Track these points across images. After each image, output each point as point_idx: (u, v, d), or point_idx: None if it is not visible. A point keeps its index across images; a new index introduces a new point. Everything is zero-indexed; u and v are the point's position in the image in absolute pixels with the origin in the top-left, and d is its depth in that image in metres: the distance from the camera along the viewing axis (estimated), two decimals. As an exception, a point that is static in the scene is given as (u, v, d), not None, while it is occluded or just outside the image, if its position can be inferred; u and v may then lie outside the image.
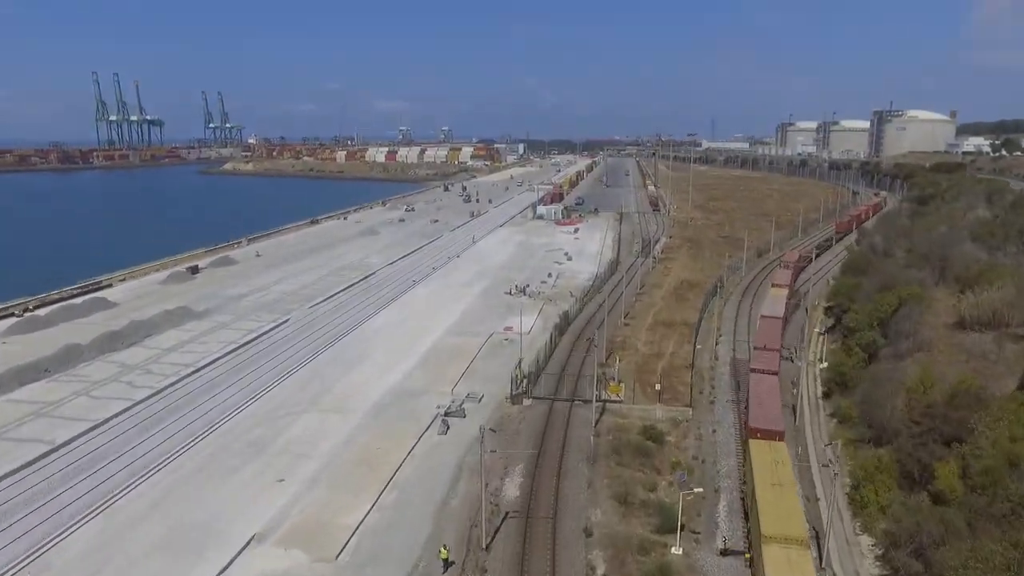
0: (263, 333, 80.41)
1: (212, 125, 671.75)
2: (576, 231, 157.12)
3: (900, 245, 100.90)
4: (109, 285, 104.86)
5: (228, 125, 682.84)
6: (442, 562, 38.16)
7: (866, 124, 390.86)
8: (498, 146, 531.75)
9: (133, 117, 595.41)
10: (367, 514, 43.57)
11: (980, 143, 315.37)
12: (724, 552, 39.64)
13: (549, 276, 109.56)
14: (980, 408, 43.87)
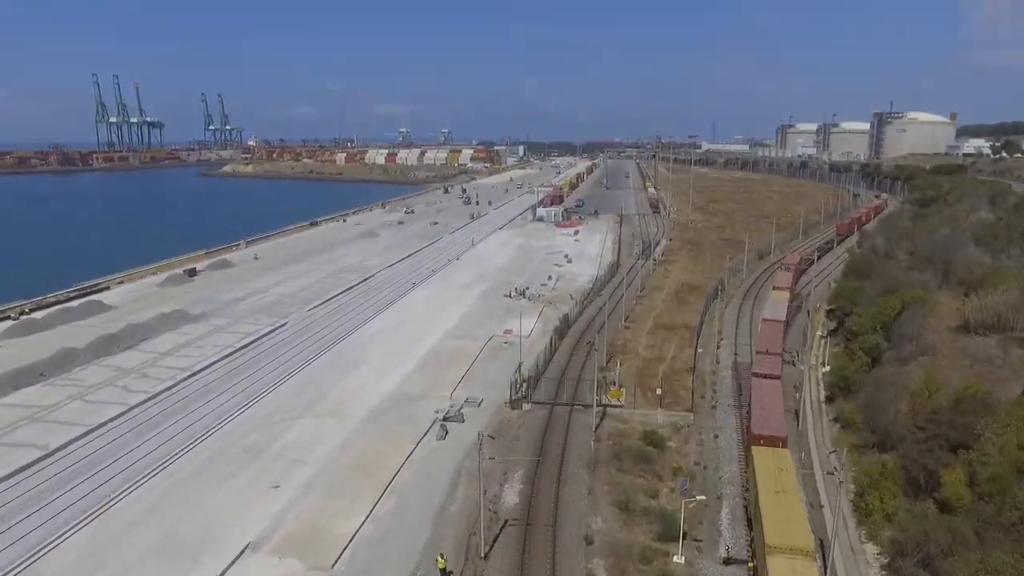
0: (260, 336, 79.74)
1: (212, 127, 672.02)
2: (576, 233, 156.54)
3: (902, 247, 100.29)
4: (106, 288, 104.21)
5: (228, 127, 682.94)
6: (439, 572, 37.51)
7: (866, 126, 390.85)
8: (498, 148, 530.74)
9: (133, 119, 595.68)
10: (364, 521, 42.93)
11: (980, 145, 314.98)
12: (727, 561, 38.96)
13: (549, 279, 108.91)
14: (986, 414, 43.18)
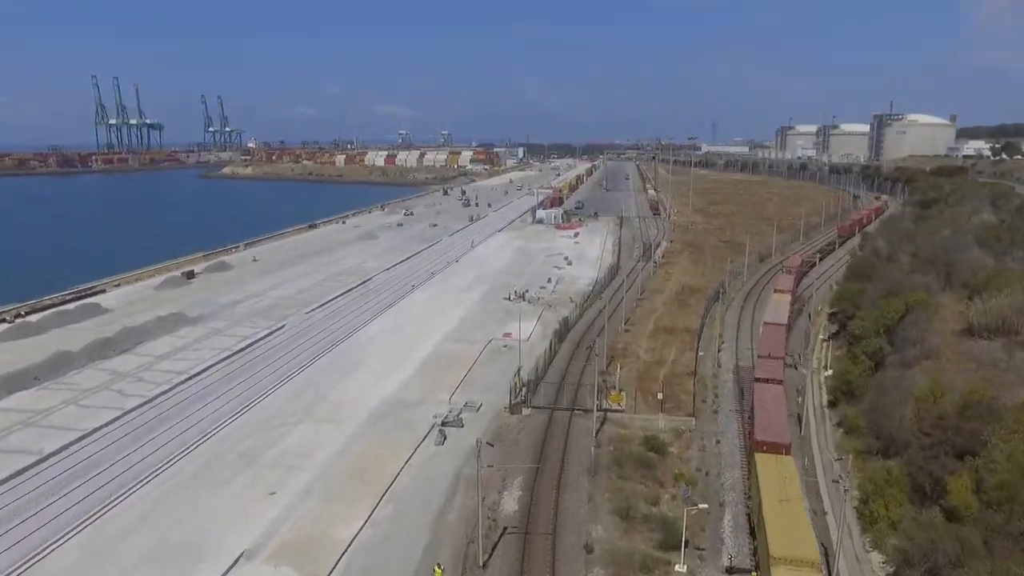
0: (258, 339, 79.08)
1: (211, 129, 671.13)
2: (576, 235, 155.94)
3: (904, 250, 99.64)
4: (103, 291, 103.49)
5: (228, 129, 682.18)
6: (437, 582, 36.86)
7: (866, 128, 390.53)
8: (498, 150, 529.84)
9: (132, 121, 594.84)
10: (361, 528, 42.31)
11: (980, 146, 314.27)
12: (730, 570, 38.33)
13: (549, 281, 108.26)
14: (993, 419, 42.53)
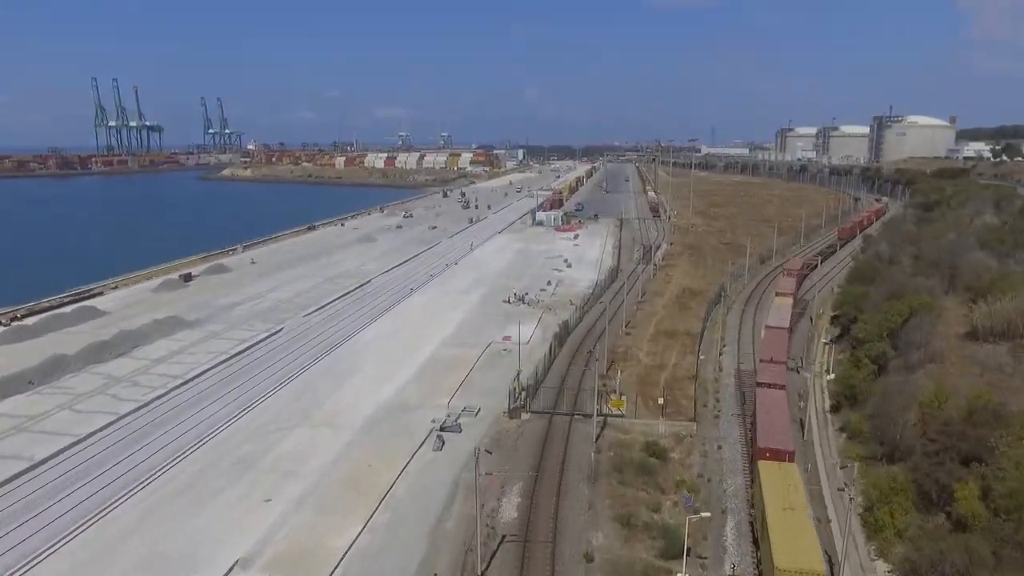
0: (255, 343, 78.40)
1: (211, 131, 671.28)
2: (576, 238, 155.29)
3: (906, 252, 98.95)
4: (100, 293, 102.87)
5: (227, 131, 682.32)
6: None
7: (866, 129, 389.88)
8: (497, 152, 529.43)
9: (132, 123, 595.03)
10: (357, 536, 41.62)
11: (980, 148, 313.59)
12: (733, 579, 37.61)
13: (548, 284, 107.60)
14: (1000, 425, 41.83)
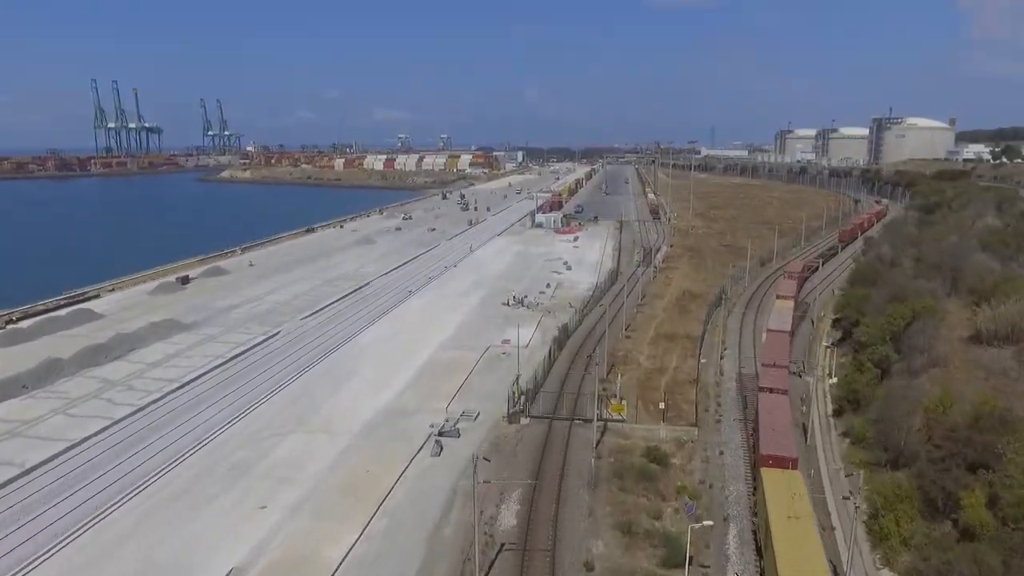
0: (252, 346, 77.75)
1: (211, 133, 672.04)
2: (575, 240, 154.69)
3: (908, 255, 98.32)
4: (96, 296, 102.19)
5: (227, 133, 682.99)
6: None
7: (865, 131, 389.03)
8: (497, 154, 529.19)
9: (131, 124, 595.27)
10: (354, 544, 40.95)
11: (980, 150, 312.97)
12: (736, 589, 36.95)
13: (548, 286, 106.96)
14: (1007, 432, 41.16)
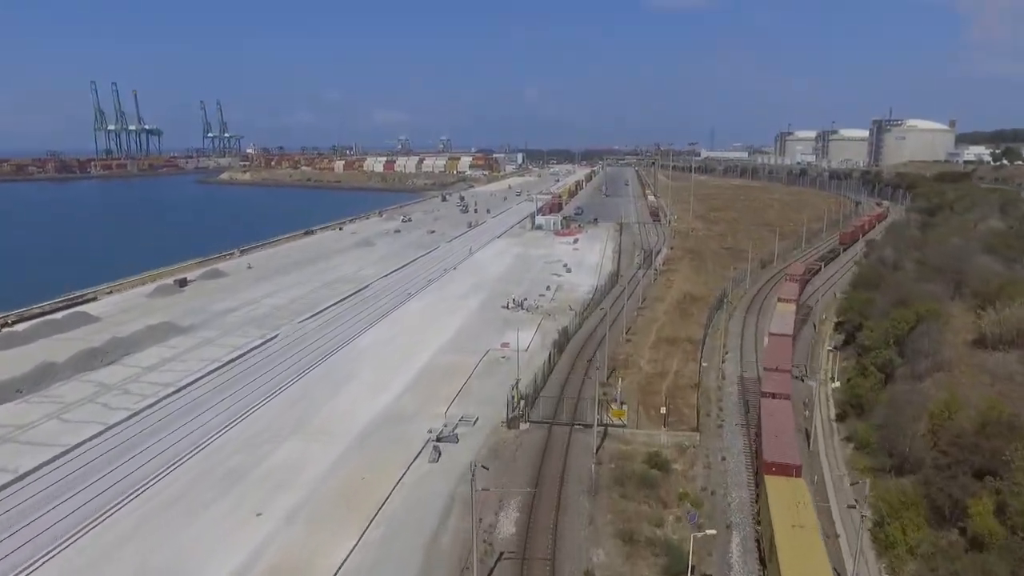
0: (250, 350, 77.09)
1: (211, 135, 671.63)
2: (575, 242, 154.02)
3: (911, 257, 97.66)
4: (93, 298, 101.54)
5: (227, 135, 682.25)
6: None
7: (865, 133, 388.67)
8: (497, 156, 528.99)
9: (131, 126, 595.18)
10: (350, 553, 40.30)
11: (980, 152, 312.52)
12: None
13: (548, 289, 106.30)
14: (1014, 438, 40.49)
